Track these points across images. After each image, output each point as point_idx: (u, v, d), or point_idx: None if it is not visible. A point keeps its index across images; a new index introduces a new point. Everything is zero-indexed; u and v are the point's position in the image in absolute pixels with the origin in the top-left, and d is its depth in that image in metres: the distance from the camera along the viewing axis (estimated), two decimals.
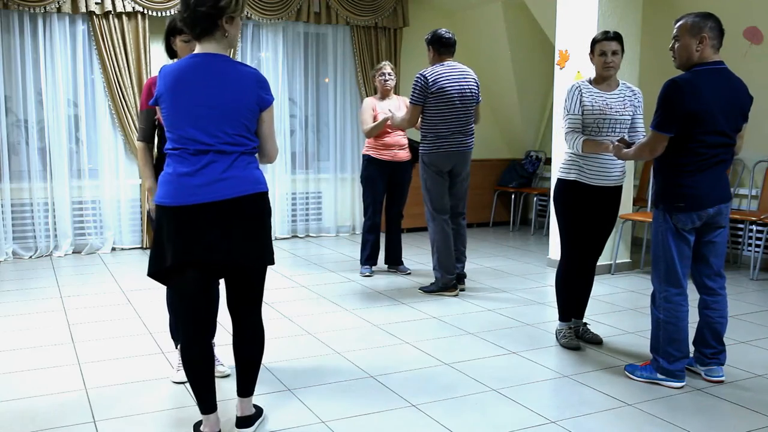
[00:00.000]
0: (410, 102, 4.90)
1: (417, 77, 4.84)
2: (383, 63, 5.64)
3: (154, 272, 2.65)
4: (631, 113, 3.75)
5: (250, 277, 2.68)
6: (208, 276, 2.65)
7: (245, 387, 2.80)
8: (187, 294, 2.64)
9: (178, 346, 3.36)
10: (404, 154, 5.61)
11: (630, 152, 3.41)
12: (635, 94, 3.80)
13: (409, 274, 5.75)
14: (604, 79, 3.74)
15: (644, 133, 3.75)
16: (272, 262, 2.69)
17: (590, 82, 3.78)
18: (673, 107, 3.07)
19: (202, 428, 2.73)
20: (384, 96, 5.61)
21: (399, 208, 5.78)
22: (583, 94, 3.71)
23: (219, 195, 2.51)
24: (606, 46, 3.67)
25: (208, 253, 2.54)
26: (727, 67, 3.18)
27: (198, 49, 2.59)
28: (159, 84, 2.57)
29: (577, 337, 3.95)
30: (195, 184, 2.51)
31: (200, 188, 2.50)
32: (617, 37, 3.68)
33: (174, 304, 3.17)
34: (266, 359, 2.92)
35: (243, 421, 2.83)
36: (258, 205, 2.60)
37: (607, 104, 3.69)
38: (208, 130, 2.52)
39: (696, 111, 3.06)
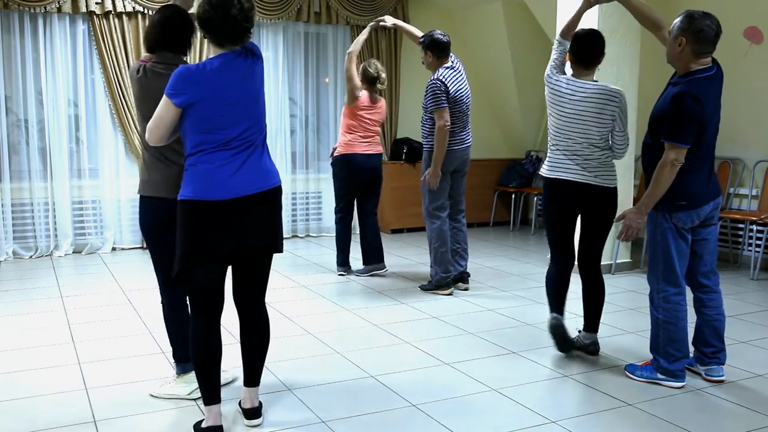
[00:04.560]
0: (436, 107, 4.80)
1: (435, 83, 4.82)
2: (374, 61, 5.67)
3: (187, 268, 2.67)
4: None
5: (266, 264, 2.83)
6: (227, 265, 2.76)
7: (254, 377, 2.89)
8: (212, 283, 2.71)
9: (177, 371, 3.23)
10: None
11: (651, 191, 3.17)
12: None
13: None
14: None
15: None
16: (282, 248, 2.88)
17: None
18: (693, 119, 3.05)
19: (203, 424, 2.74)
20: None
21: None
22: None
23: (259, 187, 2.67)
24: None
25: (247, 242, 2.69)
26: (716, 70, 3.16)
27: (215, 51, 2.65)
28: (190, 87, 2.56)
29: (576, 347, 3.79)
30: (238, 178, 2.62)
31: (243, 181, 2.63)
32: None
33: (193, 295, 2.84)
34: (267, 359, 2.93)
35: (252, 413, 2.90)
36: (281, 195, 2.81)
37: None
38: (246, 124, 2.65)
39: (705, 120, 3.09)
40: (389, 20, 5.52)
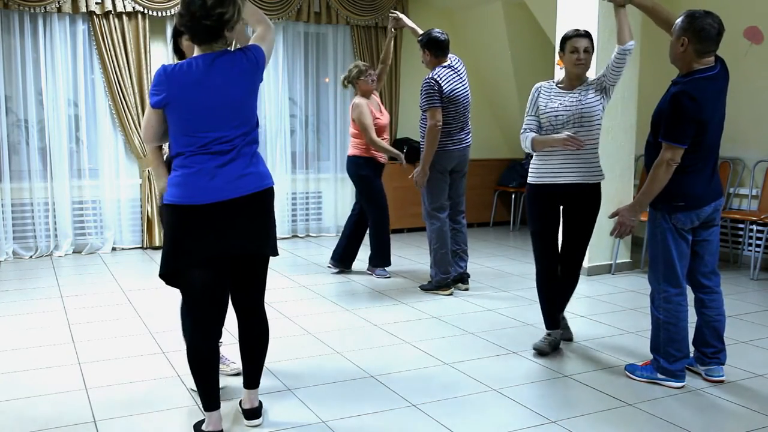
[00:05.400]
0: (429, 106, 4.80)
1: (429, 82, 4.81)
2: (365, 64, 5.59)
3: (172, 271, 2.67)
4: (585, 110, 3.61)
5: (262, 267, 2.81)
6: (224, 270, 2.71)
7: (254, 378, 2.90)
8: (208, 289, 2.67)
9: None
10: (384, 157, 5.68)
11: (646, 189, 3.17)
12: (591, 83, 3.69)
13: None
14: (573, 77, 3.67)
15: (599, 129, 3.65)
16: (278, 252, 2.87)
17: (556, 82, 3.75)
18: (690, 119, 3.05)
19: (204, 427, 2.74)
20: (368, 95, 5.57)
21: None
22: (541, 95, 3.74)
23: (242, 191, 2.62)
24: (578, 43, 3.60)
25: (234, 246, 2.65)
26: (719, 70, 3.15)
27: (198, 51, 2.63)
28: (164, 87, 2.57)
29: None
30: (219, 182, 2.59)
31: (225, 185, 2.59)
32: (588, 35, 3.64)
33: (190, 299, 2.84)
34: (267, 359, 2.93)
35: (252, 413, 2.90)
36: (271, 198, 2.75)
37: (561, 104, 3.63)
38: (227, 128, 2.60)
39: (704, 120, 3.09)
40: (406, 20, 5.47)
